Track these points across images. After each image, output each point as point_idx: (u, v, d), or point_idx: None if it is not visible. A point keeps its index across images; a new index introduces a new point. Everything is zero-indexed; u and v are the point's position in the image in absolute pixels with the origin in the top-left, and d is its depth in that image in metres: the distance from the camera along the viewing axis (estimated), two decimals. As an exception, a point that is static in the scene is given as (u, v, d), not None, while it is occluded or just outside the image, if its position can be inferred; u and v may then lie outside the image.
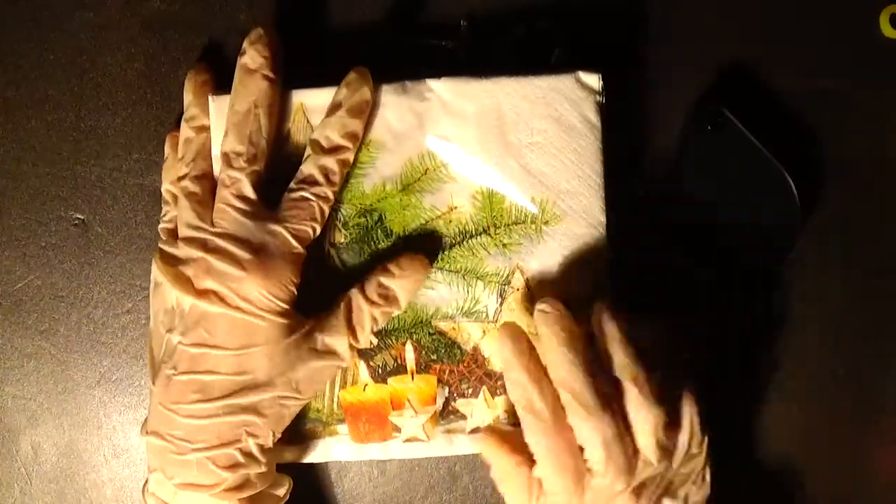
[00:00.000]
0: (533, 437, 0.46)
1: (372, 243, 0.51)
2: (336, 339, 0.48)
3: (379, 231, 0.51)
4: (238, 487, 0.48)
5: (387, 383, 0.51)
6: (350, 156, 0.49)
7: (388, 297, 0.49)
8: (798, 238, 0.52)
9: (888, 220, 0.55)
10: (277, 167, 0.49)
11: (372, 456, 0.52)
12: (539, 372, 0.46)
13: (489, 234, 0.51)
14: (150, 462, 0.49)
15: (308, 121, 0.49)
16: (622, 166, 0.52)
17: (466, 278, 0.51)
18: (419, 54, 0.53)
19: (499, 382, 0.51)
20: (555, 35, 0.52)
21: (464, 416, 0.52)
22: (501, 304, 0.51)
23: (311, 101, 0.49)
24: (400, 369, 0.51)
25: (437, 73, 0.50)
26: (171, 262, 0.48)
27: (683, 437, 0.47)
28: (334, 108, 0.48)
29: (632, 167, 0.54)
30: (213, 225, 0.47)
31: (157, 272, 0.49)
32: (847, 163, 0.54)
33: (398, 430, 0.52)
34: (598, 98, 0.50)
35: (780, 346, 0.55)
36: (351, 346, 0.49)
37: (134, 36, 0.54)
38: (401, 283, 0.49)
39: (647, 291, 0.55)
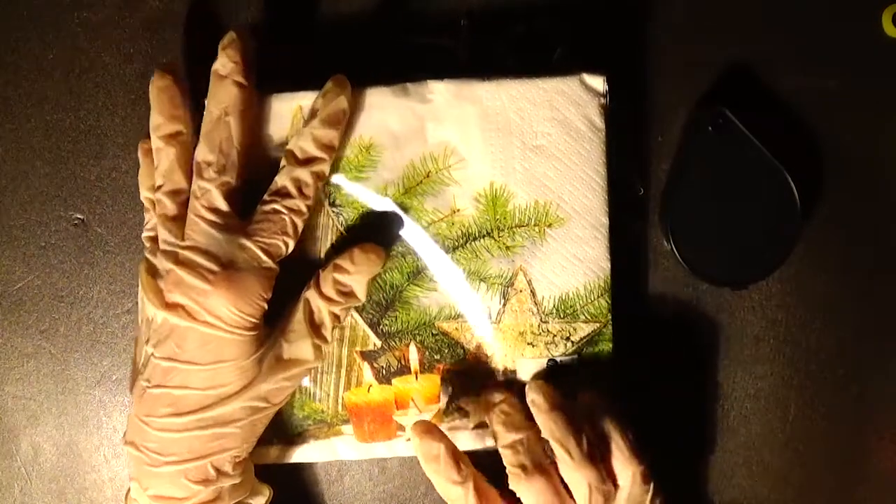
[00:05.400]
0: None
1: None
2: (300, 344, 0.48)
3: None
4: (210, 501, 0.48)
5: (391, 384, 0.51)
6: (325, 167, 0.48)
7: (346, 293, 0.49)
8: (798, 238, 0.52)
9: (888, 220, 0.55)
10: (271, 174, 0.48)
11: (377, 454, 0.52)
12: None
13: (492, 237, 0.50)
14: (130, 471, 0.49)
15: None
16: (623, 167, 0.52)
17: (469, 280, 0.51)
18: (419, 54, 0.53)
19: (501, 380, 0.52)
20: (555, 34, 0.52)
21: (467, 414, 0.52)
22: (504, 305, 0.51)
23: (310, 104, 0.49)
24: (404, 370, 0.51)
25: (438, 74, 0.50)
26: (153, 272, 0.48)
27: (622, 494, 0.47)
28: (311, 117, 0.48)
29: (633, 168, 0.54)
30: (184, 238, 0.46)
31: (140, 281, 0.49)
32: (847, 163, 0.55)
33: (402, 429, 0.52)
34: (603, 100, 0.49)
35: (780, 346, 0.56)
36: (316, 347, 0.48)
37: (133, 35, 0.54)
38: (355, 277, 0.48)
39: (647, 291, 0.55)
